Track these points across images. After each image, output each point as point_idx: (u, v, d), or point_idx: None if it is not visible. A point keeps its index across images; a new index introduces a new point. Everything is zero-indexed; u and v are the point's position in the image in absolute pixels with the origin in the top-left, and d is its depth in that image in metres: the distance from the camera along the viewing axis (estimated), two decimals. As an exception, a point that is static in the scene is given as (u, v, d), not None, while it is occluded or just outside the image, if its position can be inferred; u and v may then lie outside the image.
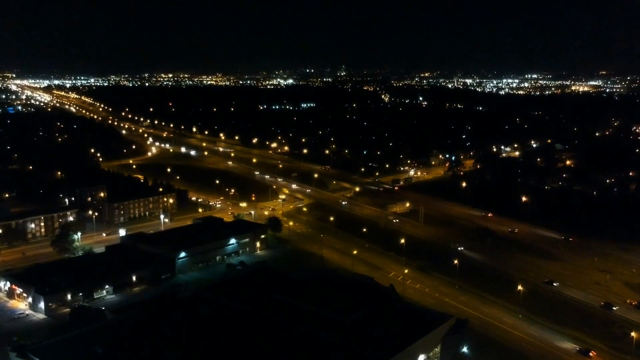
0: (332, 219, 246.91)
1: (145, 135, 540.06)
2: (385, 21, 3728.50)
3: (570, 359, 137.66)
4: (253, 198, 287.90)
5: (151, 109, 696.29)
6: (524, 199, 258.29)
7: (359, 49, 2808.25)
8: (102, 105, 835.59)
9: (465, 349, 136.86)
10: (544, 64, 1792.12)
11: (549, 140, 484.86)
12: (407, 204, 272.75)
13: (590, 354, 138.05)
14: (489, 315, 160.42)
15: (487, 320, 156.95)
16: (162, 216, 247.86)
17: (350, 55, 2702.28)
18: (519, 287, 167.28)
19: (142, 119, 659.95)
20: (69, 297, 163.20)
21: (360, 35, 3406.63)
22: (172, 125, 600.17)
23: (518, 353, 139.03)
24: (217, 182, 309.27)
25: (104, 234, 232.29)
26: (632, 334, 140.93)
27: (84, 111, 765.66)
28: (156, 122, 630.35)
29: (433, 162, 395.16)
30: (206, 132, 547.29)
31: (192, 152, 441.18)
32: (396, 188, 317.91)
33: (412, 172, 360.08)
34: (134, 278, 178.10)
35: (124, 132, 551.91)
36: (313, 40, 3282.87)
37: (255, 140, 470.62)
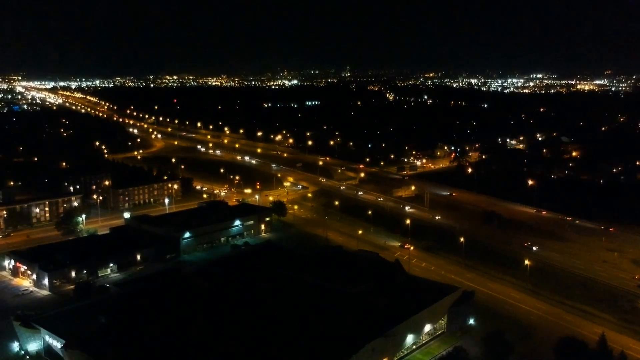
0: (337, 203, 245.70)
1: (150, 130, 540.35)
2: (389, 22, 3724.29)
3: (396, 250, 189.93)
4: (258, 186, 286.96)
5: (156, 107, 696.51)
6: (530, 182, 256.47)
7: (364, 50, 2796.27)
8: (107, 104, 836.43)
9: (471, 321, 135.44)
10: (549, 64, 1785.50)
11: (555, 134, 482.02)
12: (412, 188, 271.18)
13: (406, 245, 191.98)
14: (495, 290, 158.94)
15: (493, 294, 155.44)
16: (166, 200, 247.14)
17: (354, 56, 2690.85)
18: (526, 262, 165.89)
19: (146, 116, 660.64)
20: (73, 274, 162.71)
21: (365, 36, 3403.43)
22: (176, 122, 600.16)
23: (525, 325, 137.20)
24: (222, 170, 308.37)
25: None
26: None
27: (89, 109, 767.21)
28: (161, 119, 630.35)
29: (438, 154, 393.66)
30: (211, 127, 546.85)
31: (202, 149, 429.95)
32: (405, 176, 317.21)
33: (418, 162, 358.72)
34: (138, 257, 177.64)
35: (128, 128, 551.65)
36: (318, 42, 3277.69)
37: (260, 134, 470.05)
